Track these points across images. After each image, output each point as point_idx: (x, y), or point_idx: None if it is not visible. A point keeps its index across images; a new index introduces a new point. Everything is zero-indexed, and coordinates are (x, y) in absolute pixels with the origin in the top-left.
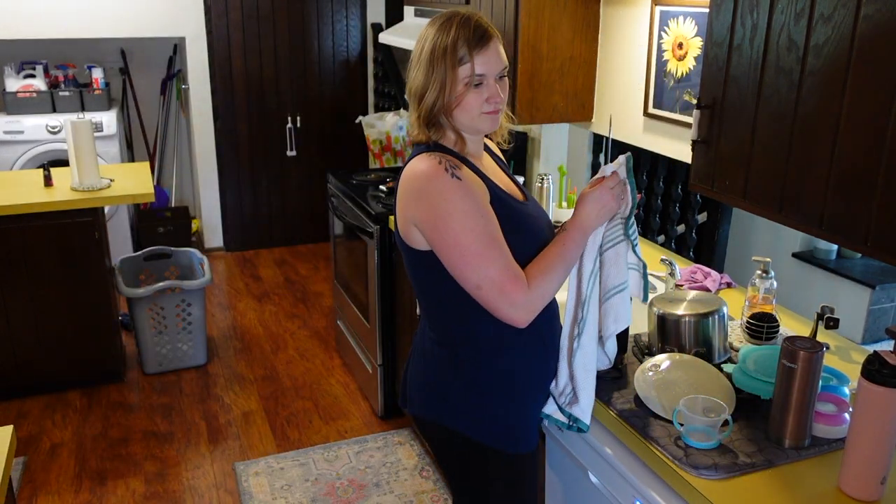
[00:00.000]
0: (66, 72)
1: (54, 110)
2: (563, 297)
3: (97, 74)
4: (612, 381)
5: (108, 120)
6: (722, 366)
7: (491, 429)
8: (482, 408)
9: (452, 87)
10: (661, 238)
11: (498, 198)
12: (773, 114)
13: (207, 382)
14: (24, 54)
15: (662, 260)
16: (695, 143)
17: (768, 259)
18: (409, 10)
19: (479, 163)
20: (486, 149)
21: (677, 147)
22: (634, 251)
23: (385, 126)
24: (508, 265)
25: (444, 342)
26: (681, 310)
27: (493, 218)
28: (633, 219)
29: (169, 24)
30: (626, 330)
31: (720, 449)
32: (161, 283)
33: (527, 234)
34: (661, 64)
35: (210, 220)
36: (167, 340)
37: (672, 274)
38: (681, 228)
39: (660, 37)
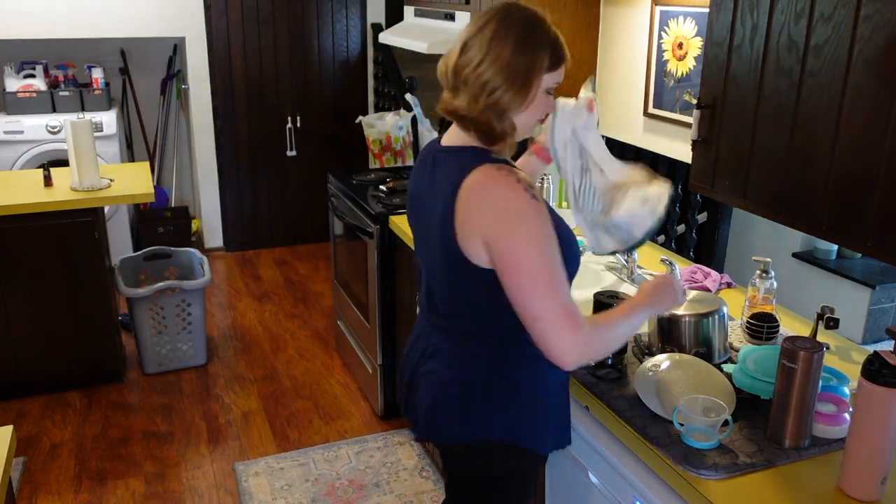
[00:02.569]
0: (66, 72)
1: (54, 110)
2: None
3: (97, 74)
4: (612, 381)
5: (108, 120)
6: (722, 366)
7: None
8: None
9: (538, 86)
10: (661, 238)
11: (553, 217)
12: (773, 114)
13: (207, 382)
14: (24, 54)
15: (662, 260)
16: (695, 143)
17: (768, 259)
18: (409, 10)
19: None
20: None
21: (677, 147)
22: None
23: (385, 126)
24: (570, 303)
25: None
26: (681, 310)
27: (558, 247)
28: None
29: (169, 24)
30: None
31: (720, 449)
32: (161, 283)
33: (570, 248)
34: (661, 64)
35: (210, 220)
36: (167, 340)
37: (672, 274)
38: (681, 228)
39: (660, 37)
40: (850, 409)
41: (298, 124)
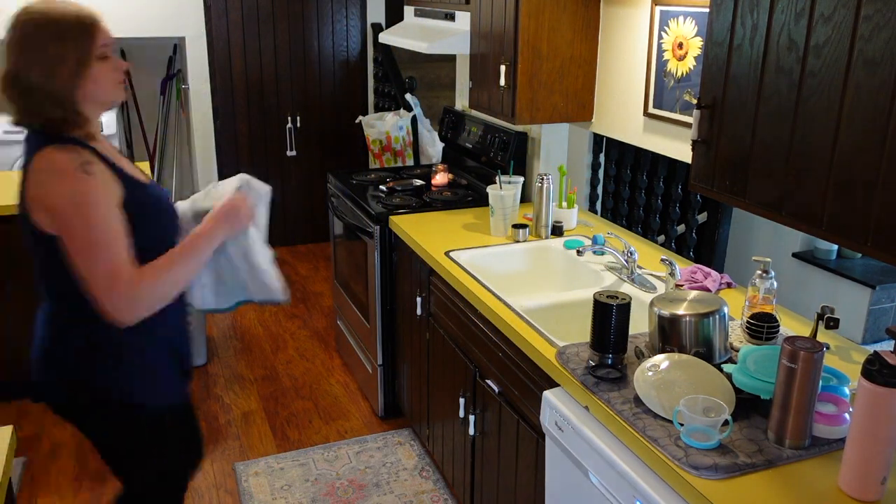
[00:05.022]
0: None
1: None
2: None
3: None
4: (612, 381)
5: (108, 120)
6: (722, 366)
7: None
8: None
9: (88, 61)
10: (661, 238)
11: (130, 184)
12: (773, 114)
13: (207, 382)
14: None
15: (662, 260)
16: (695, 143)
17: (768, 259)
18: (409, 10)
19: (103, 147)
20: None
21: (677, 147)
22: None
23: (385, 126)
24: (119, 261)
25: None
26: (681, 310)
27: (116, 214)
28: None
29: (169, 24)
30: (626, 330)
31: (720, 449)
32: None
33: (154, 215)
34: (661, 64)
35: None
36: None
37: (672, 274)
38: (681, 228)
39: (660, 37)
40: (850, 409)
41: (298, 124)
